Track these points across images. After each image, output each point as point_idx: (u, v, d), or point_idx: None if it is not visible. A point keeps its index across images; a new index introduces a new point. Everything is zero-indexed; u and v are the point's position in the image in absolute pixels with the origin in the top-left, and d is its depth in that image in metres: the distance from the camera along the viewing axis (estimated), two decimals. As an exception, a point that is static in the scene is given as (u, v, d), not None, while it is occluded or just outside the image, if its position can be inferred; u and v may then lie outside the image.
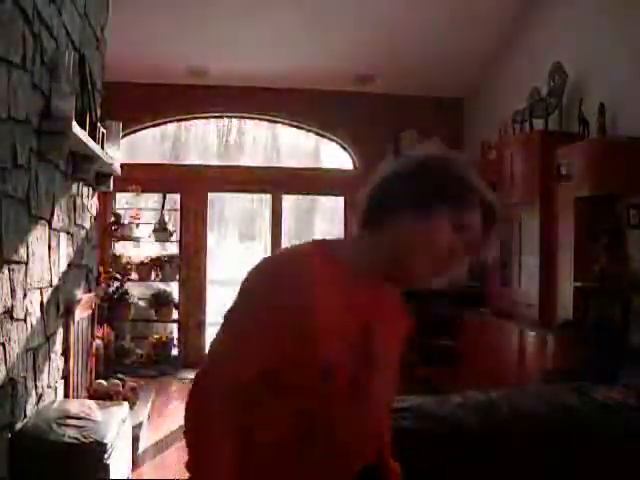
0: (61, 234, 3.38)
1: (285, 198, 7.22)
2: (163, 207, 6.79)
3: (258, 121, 7.45)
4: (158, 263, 6.66)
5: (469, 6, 5.47)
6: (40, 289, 3.00)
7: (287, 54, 6.19)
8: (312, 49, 6.11)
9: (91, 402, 3.28)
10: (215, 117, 7.52)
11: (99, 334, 4.76)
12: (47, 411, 2.96)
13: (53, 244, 3.20)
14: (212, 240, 9.26)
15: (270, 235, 7.14)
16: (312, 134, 7.40)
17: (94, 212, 4.31)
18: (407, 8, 5.51)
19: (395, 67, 6.30)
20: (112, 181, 4.48)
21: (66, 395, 3.48)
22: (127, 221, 6.50)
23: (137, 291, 6.61)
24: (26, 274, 2.76)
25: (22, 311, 2.72)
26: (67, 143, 3.01)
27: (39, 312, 2.98)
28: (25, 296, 2.75)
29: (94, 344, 4.33)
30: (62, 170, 3.33)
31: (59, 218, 3.31)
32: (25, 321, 2.77)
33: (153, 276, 6.67)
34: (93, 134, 3.46)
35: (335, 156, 7.40)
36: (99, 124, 3.70)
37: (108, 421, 3.02)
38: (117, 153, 4.23)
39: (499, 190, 5.23)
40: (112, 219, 6.47)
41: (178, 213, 6.95)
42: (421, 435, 1.99)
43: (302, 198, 8.38)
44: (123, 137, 5.00)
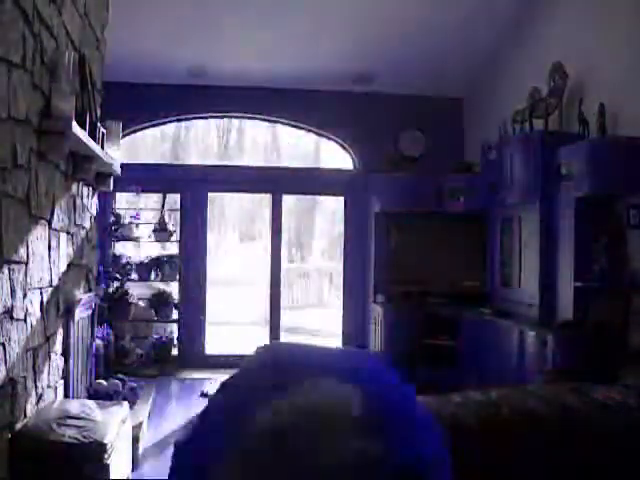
0: (61, 234, 3.39)
1: (285, 198, 7.23)
2: (163, 207, 6.79)
3: (258, 121, 7.47)
4: (158, 263, 6.67)
5: (469, 6, 5.48)
6: (40, 289, 3.00)
7: (287, 53, 6.20)
8: (312, 48, 6.12)
9: (91, 402, 3.28)
10: (215, 117, 7.54)
11: (99, 334, 4.76)
12: (47, 411, 2.96)
13: (53, 244, 3.20)
14: (212, 240, 9.26)
15: (270, 235, 7.15)
16: (312, 134, 7.41)
17: (94, 212, 4.32)
18: (407, 7, 5.51)
19: (395, 67, 6.30)
20: (112, 181, 4.48)
21: (66, 395, 3.48)
22: (127, 221, 6.51)
23: (137, 291, 6.62)
24: (26, 274, 2.76)
25: (22, 311, 2.73)
26: (67, 143, 3.01)
27: (39, 312, 2.98)
28: (25, 296, 2.75)
29: (94, 344, 4.34)
30: (62, 170, 3.33)
31: (59, 218, 3.31)
32: (25, 321, 2.77)
33: (153, 276, 6.68)
34: (93, 134, 3.46)
35: (335, 156, 7.41)
36: (99, 124, 3.70)
37: (108, 421, 3.02)
38: (117, 153, 4.23)
39: (499, 190, 5.24)
40: (112, 219, 6.47)
41: (178, 213, 6.96)
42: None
43: (302, 198, 8.39)
44: (123, 137, 5.00)
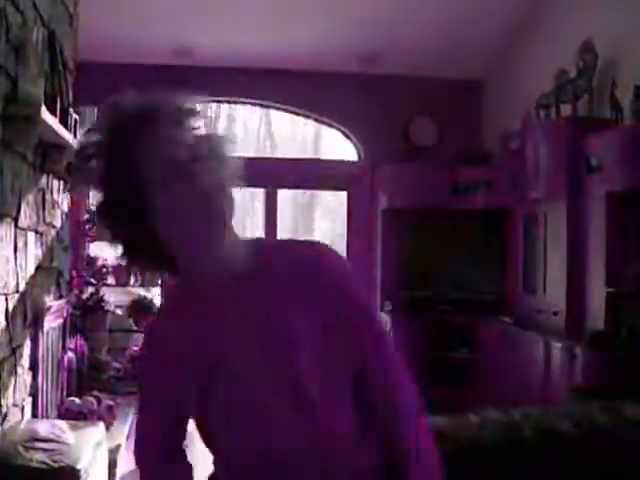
0: (29, 233, 3.39)
1: (280, 193, 7.23)
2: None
3: (250, 106, 7.47)
4: (137, 266, 6.67)
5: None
6: (5, 295, 3.00)
7: (282, 30, 6.19)
8: (310, 23, 6.11)
9: (62, 423, 3.28)
10: (202, 102, 7.55)
11: (71, 346, 4.77)
12: (13, 433, 2.96)
13: (20, 245, 3.20)
14: (198, 240, 9.23)
15: (263, 234, 7.16)
16: (311, 121, 7.42)
17: (66, 208, 4.32)
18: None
19: (405, 44, 6.28)
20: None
21: (34, 415, 3.49)
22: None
23: (114, 297, 6.62)
24: (-11, 278, 2.77)
25: (-15, 320, 2.73)
26: (36, 131, 3.01)
27: (4, 321, 2.99)
28: (-12, 303, 2.76)
29: (66, 357, 4.34)
30: (30, 161, 3.34)
31: (26, 215, 3.32)
32: (-12, 331, 2.78)
33: (132, 280, 6.68)
34: (64, 121, 3.47)
35: (337, 146, 7.42)
36: (71, 109, 3.70)
37: (81, 444, 3.02)
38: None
39: (522, 184, 5.25)
40: (86, 216, 6.47)
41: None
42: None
43: (300, 193, 8.39)
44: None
